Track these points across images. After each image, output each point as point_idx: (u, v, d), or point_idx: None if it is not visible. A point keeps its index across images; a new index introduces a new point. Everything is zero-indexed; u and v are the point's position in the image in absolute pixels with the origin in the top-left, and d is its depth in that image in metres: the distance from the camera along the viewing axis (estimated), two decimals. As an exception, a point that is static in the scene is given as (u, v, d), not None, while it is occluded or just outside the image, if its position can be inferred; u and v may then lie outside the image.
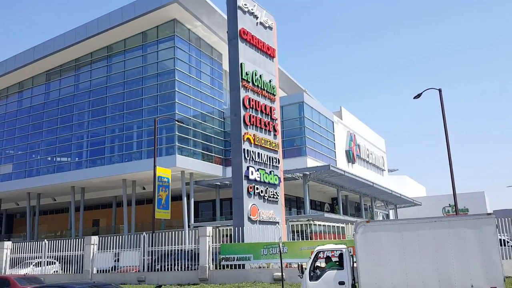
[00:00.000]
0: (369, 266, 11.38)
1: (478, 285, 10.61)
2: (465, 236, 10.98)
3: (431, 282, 10.93)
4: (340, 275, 11.55)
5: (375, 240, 11.53)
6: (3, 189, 44.35)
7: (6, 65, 45.33)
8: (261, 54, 26.60)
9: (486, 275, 10.64)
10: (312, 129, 40.37)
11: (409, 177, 74.97)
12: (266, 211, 23.91)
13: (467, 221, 11.29)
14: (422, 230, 11.38)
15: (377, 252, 11.44)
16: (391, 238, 11.45)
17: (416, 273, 11.05)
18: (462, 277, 10.78)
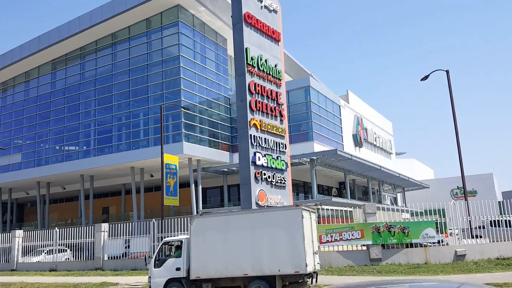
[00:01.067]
0: (199, 254, 12.56)
1: (284, 270, 11.59)
2: (276, 226, 11.95)
3: (246, 267, 12.00)
4: (178, 262, 12.83)
5: (205, 231, 12.69)
6: (13, 178, 44.83)
7: (12, 55, 45.38)
8: (266, 38, 26.30)
9: (292, 260, 11.56)
10: (319, 113, 40.15)
11: (417, 160, 74.59)
12: (274, 196, 23.93)
13: (278, 212, 12.44)
14: (242, 221, 12.58)
15: (206, 241, 12.59)
16: (217, 229, 12.62)
17: (235, 259, 12.16)
18: (272, 262, 11.74)
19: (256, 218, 12.35)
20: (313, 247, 12.28)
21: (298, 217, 11.73)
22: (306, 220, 12.03)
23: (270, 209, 12.78)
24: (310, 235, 12.23)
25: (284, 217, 12.03)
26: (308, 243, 11.85)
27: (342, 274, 15.90)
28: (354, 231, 18.03)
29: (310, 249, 11.96)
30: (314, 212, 13.06)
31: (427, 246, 17.52)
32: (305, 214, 12.05)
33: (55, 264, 23.89)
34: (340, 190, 47.24)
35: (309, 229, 12.16)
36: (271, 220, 12.08)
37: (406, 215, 38.63)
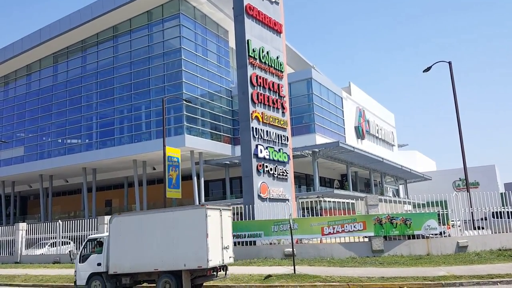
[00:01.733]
0: (116, 250, 13.44)
1: (189, 265, 12.30)
2: (183, 224, 12.72)
3: (157, 262, 12.81)
4: (99, 258, 13.74)
5: (122, 229, 13.55)
6: (15, 171, 44.99)
7: (13, 48, 45.33)
8: (268, 30, 26.20)
9: (195, 256, 12.26)
10: (321, 105, 40.06)
11: (419, 152, 74.50)
12: (276, 188, 23.98)
13: (185, 211, 13.12)
14: (154, 220, 13.36)
15: (122, 239, 13.45)
16: (132, 227, 13.47)
17: (147, 255, 12.99)
18: (178, 258, 12.51)
19: (166, 217, 13.19)
20: (222, 243, 13.03)
21: (202, 216, 12.45)
22: (213, 219, 12.78)
23: (178, 208, 13.55)
24: (219, 232, 13.00)
25: (190, 216, 12.80)
26: (214, 240, 12.63)
27: (344, 266, 15.95)
28: (356, 223, 18.06)
29: (217, 245, 12.79)
30: (228, 210, 13.90)
31: (429, 238, 17.54)
32: (211, 213, 12.74)
33: (59, 256, 24.02)
34: (342, 182, 47.27)
35: (217, 227, 12.94)
36: (178, 219, 12.92)
37: (408, 207, 38.61)
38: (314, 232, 18.53)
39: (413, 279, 12.66)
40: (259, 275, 14.52)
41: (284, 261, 17.45)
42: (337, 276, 13.63)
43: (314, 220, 19.09)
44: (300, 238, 19.24)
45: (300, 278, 13.80)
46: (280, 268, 15.85)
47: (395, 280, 12.82)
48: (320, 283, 13.16)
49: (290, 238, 15.91)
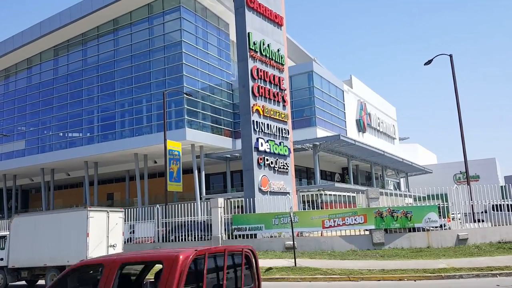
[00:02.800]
0: (14, 247, 15.10)
1: (72, 261, 13.27)
2: (68, 224, 14.31)
3: (46, 258, 14.38)
4: (2, 253, 15.49)
5: (20, 228, 15.24)
6: (17, 165, 45.08)
7: (13, 41, 45.22)
8: (269, 22, 26.11)
9: (77, 253, 13.71)
10: (322, 98, 39.98)
11: (420, 145, 74.43)
12: (277, 182, 24.03)
13: (70, 213, 14.94)
14: (45, 220, 15.12)
15: (19, 236, 15.13)
16: (28, 226, 15.15)
17: (39, 251, 14.55)
18: (63, 254, 14.04)
19: (54, 218, 15.00)
20: (108, 242, 14.61)
21: (84, 217, 14.03)
22: (97, 220, 14.31)
23: (65, 210, 15.85)
24: (104, 232, 14.57)
25: (74, 217, 14.33)
26: (97, 238, 14.16)
27: (345, 258, 16.03)
28: (357, 216, 18.11)
29: (101, 243, 14.34)
30: (119, 212, 15.65)
31: (429, 231, 17.60)
32: (94, 214, 14.30)
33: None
34: (343, 175, 47.31)
35: (102, 227, 14.48)
36: (64, 219, 14.53)
37: (409, 200, 38.70)
38: (314, 225, 18.61)
39: (414, 272, 12.73)
40: (260, 268, 14.58)
41: (285, 254, 17.53)
42: (337, 269, 13.71)
43: (315, 213, 19.16)
44: (301, 231, 19.33)
45: (301, 270, 13.88)
46: (281, 261, 15.93)
47: (395, 272, 12.89)
48: (321, 275, 13.24)
49: (291, 231, 15.99)
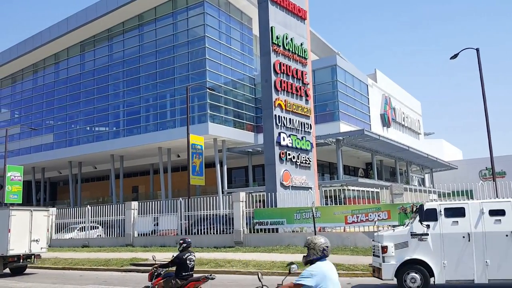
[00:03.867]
0: None
1: None
2: None
3: None
4: None
5: None
6: (45, 158, 46.37)
7: (41, 37, 46.33)
8: (292, 16, 25.97)
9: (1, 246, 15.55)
10: (346, 93, 39.58)
11: (445, 141, 73.02)
12: (299, 176, 23.98)
13: None
14: None
15: None
16: None
17: None
18: None
19: None
20: (30, 237, 16.35)
21: (6, 216, 15.87)
22: (20, 218, 16.12)
23: None
24: (27, 228, 16.30)
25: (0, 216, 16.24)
26: (19, 234, 15.95)
27: (368, 255, 15.89)
28: (380, 212, 17.93)
29: (24, 239, 16.12)
30: (44, 211, 17.44)
31: (454, 227, 17.28)
32: (17, 213, 16.17)
33: (88, 240, 24.80)
34: (367, 171, 46.81)
35: (25, 224, 16.25)
36: None
37: (433, 196, 37.98)
38: (337, 221, 18.53)
39: (437, 269, 12.52)
40: (281, 262, 14.65)
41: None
42: (360, 265, 13.63)
43: (337, 209, 19.06)
44: (323, 227, 19.26)
45: (323, 265, 13.82)
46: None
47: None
48: (343, 271, 13.18)
49: (313, 226, 15.95)
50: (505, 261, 9.59)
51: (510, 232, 9.63)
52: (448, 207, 10.20)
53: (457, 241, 9.87)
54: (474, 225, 9.89)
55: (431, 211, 10.12)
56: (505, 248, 9.64)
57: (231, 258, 16.26)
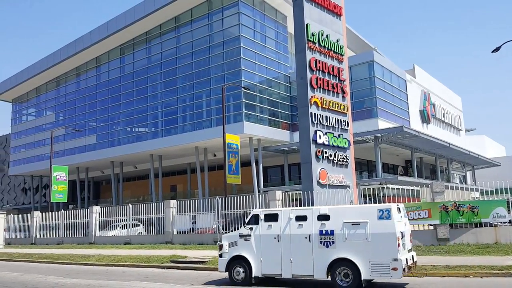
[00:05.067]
0: None
1: None
2: None
3: None
4: None
5: None
6: (89, 158, 48.13)
7: (83, 41, 48.07)
8: (327, 13, 25.67)
9: None
10: (383, 89, 38.81)
11: (487, 137, 70.39)
12: (336, 175, 23.70)
13: None
14: None
15: None
16: None
17: None
18: None
19: None
20: None
21: None
22: None
23: None
24: None
25: None
26: None
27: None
28: (421, 211, 17.50)
29: None
30: None
31: (497, 226, 16.65)
32: None
33: (129, 237, 25.56)
34: (407, 168, 45.75)
35: None
36: None
37: (475, 194, 36.63)
38: (375, 219, 18.19)
39: (480, 268, 12.14)
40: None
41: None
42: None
43: (376, 207, 18.71)
44: (362, 225, 18.96)
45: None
46: (340, 254, 15.75)
47: (460, 268, 12.37)
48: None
49: (350, 224, 15.72)
50: (305, 260, 10.98)
51: (309, 235, 11.04)
52: (267, 213, 11.97)
53: (270, 241, 11.48)
54: (283, 228, 11.46)
55: (254, 216, 12.00)
56: (305, 249, 11.01)
57: None
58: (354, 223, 10.73)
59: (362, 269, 10.33)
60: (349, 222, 10.78)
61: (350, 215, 10.93)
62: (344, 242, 10.69)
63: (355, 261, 10.40)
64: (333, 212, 11.16)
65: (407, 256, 10.74)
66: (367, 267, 10.33)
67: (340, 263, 10.58)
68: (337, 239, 10.77)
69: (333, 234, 10.83)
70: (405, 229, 11.06)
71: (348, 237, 10.67)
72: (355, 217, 10.84)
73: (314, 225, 11.09)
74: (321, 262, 10.77)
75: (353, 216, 10.88)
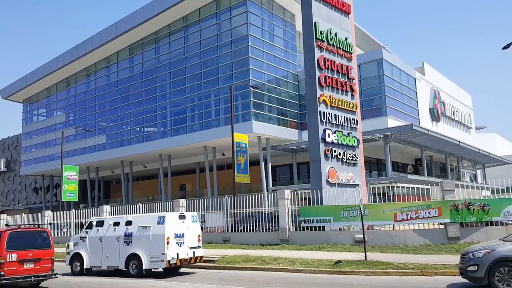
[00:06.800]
0: None
1: None
2: None
3: None
4: None
5: None
6: (99, 158, 48.48)
7: (92, 41, 48.41)
8: (336, 11, 25.60)
9: None
10: (393, 87, 38.58)
11: (498, 135, 69.62)
12: (345, 173, 23.63)
13: None
14: None
15: None
16: None
17: None
18: None
19: None
20: None
21: None
22: None
23: None
24: None
25: None
26: None
27: (418, 253, 15.47)
28: (431, 209, 17.36)
29: None
30: None
31: (508, 224, 16.47)
32: None
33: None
34: (416, 167, 45.43)
35: None
36: None
37: (486, 192, 36.25)
38: (386, 219, 18.09)
39: (492, 268, 11.99)
40: (329, 261, 14.51)
41: (355, 247, 17.25)
42: (410, 263, 13.28)
43: (386, 206, 18.61)
44: (372, 225, 18.89)
45: (372, 264, 13.60)
46: (351, 254, 15.70)
47: (472, 268, 12.22)
48: (393, 269, 12.91)
49: (361, 224, 15.68)
50: (115, 255, 14.64)
51: (118, 237, 14.70)
52: (97, 220, 15.95)
53: (97, 242, 15.28)
54: (105, 232, 15.22)
55: (90, 223, 16.01)
56: (116, 247, 14.69)
57: (277, 255, 16.32)
58: (144, 226, 14.26)
59: (144, 261, 13.86)
60: (141, 226, 14.30)
61: (143, 221, 14.45)
62: (137, 241, 14.21)
63: (141, 255, 13.98)
64: (135, 219, 14.81)
65: (186, 251, 14.14)
66: (148, 259, 13.84)
67: (133, 257, 14.15)
68: (133, 239, 14.30)
69: (132, 235, 14.38)
70: (187, 232, 14.41)
71: (140, 237, 14.20)
72: (145, 223, 14.32)
73: (123, 229, 14.67)
74: (123, 257, 14.34)
75: (144, 222, 14.37)
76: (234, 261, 16.13)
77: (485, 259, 9.56)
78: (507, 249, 9.57)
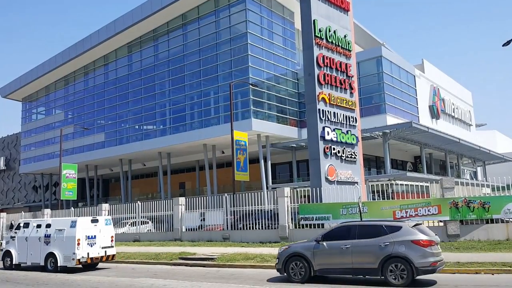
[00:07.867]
0: None
1: None
2: None
3: None
4: None
5: None
6: (98, 156, 48.41)
7: (91, 39, 48.26)
8: (335, 8, 25.54)
9: None
10: (392, 84, 38.52)
11: (498, 132, 69.57)
12: (344, 171, 23.62)
13: None
14: None
15: None
16: None
17: None
18: None
19: None
20: None
21: None
22: None
23: None
24: None
25: None
26: None
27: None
28: (430, 207, 17.36)
29: None
30: None
31: (509, 222, 16.47)
32: None
33: (138, 235, 25.71)
34: (416, 164, 45.41)
35: None
36: None
37: (486, 190, 36.20)
38: (385, 216, 18.08)
39: (491, 265, 12.02)
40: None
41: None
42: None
43: (385, 204, 18.62)
44: (370, 222, 18.86)
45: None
46: (349, 251, 15.66)
47: (471, 265, 12.25)
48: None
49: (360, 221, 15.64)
50: (37, 253, 16.64)
51: (40, 237, 16.67)
52: (24, 222, 17.88)
53: (23, 241, 17.24)
54: (30, 232, 17.18)
55: (18, 224, 18.02)
56: (38, 246, 16.69)
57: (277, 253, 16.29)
58: (60, 229, 16.21)
59: (59, 259, 15.92)
60: (57, 228, 16.28)
61: (60, 224, 16.45)
62: (54, 242, 16.21)
63: (56, 254, 16.00)
64: (53, 222, 16.89)
65: (97, 251, 16.14)
66: (62, 258, 15.89)
67: (50, 255, 16.16)
68: (51, 240, 16.31)
69: (50, 236, 16.39)
70: (99, 234, 16.34)
71: (56, 238, 16.18)
72: (61, 226, 16.31)
73: (43, 231, 16.68)
74: (43, 254, 16.36)
75: (60, 225, 16.37)
76: (233, 259, 16.13)
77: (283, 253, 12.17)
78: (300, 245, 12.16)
